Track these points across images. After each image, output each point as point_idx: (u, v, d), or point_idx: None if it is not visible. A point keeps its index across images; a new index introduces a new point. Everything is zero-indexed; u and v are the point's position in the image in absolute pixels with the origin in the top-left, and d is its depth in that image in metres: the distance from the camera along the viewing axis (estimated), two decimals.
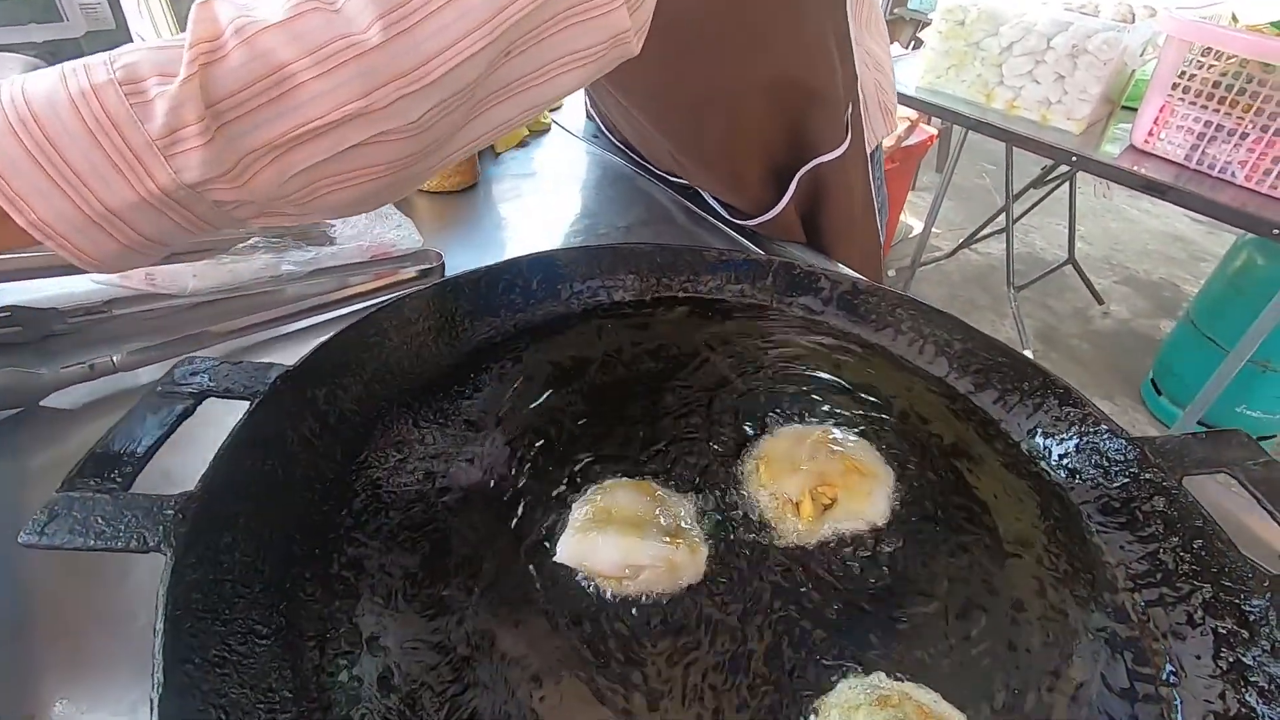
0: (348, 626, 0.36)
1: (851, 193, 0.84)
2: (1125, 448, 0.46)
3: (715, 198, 0.86)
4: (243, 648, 0.32)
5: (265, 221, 0.40)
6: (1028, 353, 2.22)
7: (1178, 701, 0.36)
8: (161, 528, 0.34)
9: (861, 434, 0.51)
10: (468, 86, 0.38)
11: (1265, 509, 0.41)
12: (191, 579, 0.33)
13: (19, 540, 0.33)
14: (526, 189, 0.93)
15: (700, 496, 0.45)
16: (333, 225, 0.71)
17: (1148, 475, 0.44)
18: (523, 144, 1.03)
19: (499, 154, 1.00)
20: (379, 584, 0.38)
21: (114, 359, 0.54)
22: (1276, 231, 1.30)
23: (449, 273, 0.72)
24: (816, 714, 0.34)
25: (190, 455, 0.41)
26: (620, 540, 0.39)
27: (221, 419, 0.41)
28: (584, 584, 0.39)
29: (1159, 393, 2.34)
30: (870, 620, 0.39)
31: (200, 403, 0.42)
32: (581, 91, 1.12)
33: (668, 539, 0.40)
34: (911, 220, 3.16)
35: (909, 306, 0.60)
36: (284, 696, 0.32)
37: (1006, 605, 0.41)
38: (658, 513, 0.42)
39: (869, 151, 0.86)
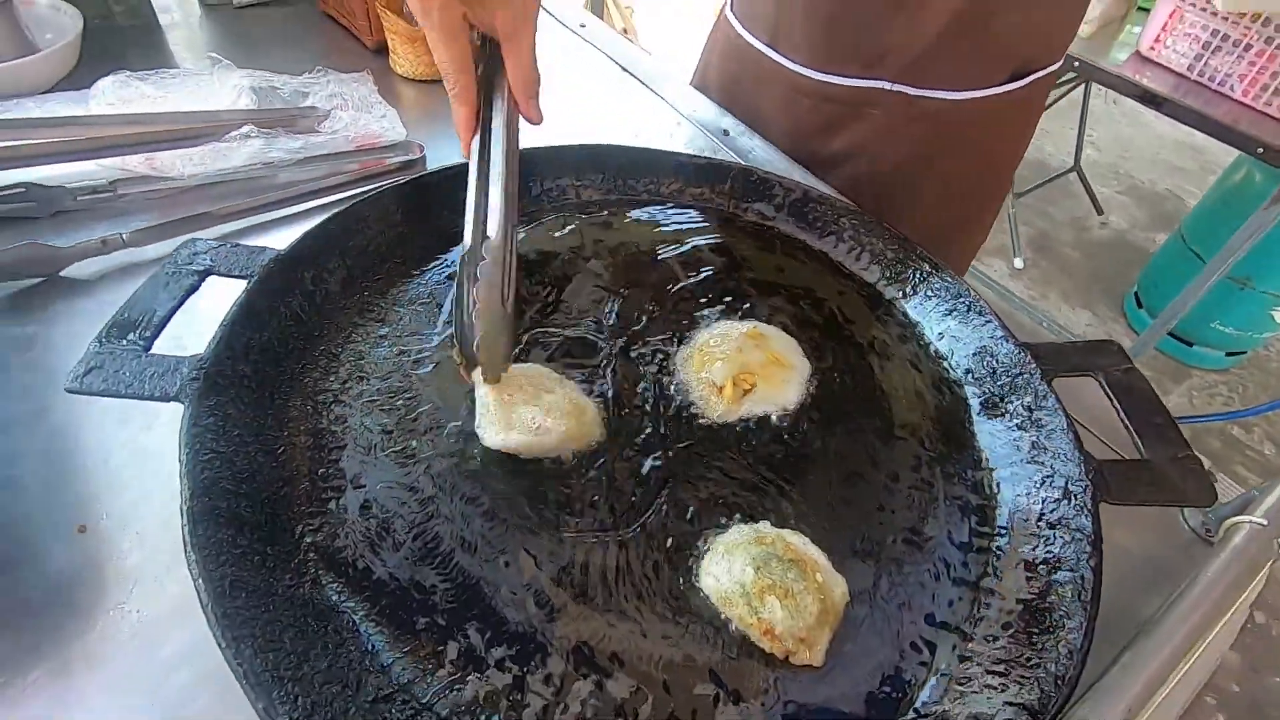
0: (335, 469, 0.44)
1: (1016, 136, 0.82)
2: (1014, 352, 0.53)
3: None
4: (248, 477, 0.41)
5: None
6: (1017, 261, 2.25)
7: (1001, 552, 0.45)
8: (179, 383, 0.41)
9: (789, 330, 0.57)
10: None
11: (1115, 408, 0.49)
12: (205, 424, 0.40)
13: (64, 387, 0.40)
14: None
15: (642, 383, 0.52)
16: (320, 117, 0.74)
17: (1025, 376, 0.51)
18: None
19: None
20: (361, 437, 0.46)
21: (123, 235, 0.60)
22: (1261, 150, 1.31)
23: (431, 164, 0.76)
24: (708, 548, 0.43)
25: (198, 325, 0.49)
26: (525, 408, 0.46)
27: (222, 295, 0.48)
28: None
29: (1140, 305, 2.39)
30: (767, 482, 0.47)
31: (204, 280, 0.48)
32: None
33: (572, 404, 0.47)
34: None
35: (853, 216, 0.65)
36: (283, 518, 0.41)
37: (884, 476, 0.49)
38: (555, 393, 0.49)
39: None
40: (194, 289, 0.47)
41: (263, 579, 0.36)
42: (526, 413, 0.46)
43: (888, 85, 0.74)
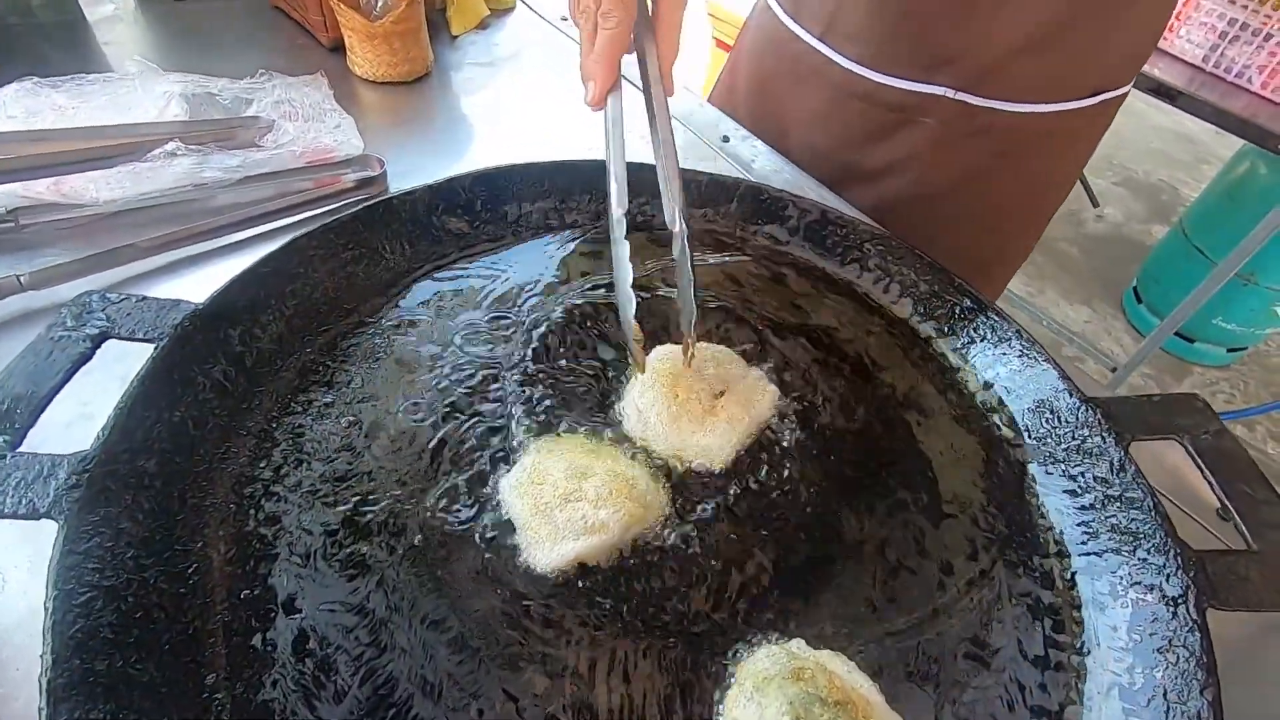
0: (263, 588, 0.35)
1: (1074, 160, 0.74)
2: (1079, 408, 0.45)
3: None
4: (142, 617, 0.31)
5: None
6: None
7: (1087, 672, 0.37)
8: (53, 492, 0.32)
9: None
10: None
11: (1207, 479, 0.41)
12: (86, 548, 0.31)
13: None
14: (486, 81, 0.85)
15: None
16: (263, 129, 0.64)
17: (1096, 439, 0.43)
18: (483, 26, 0.93)
19: (455, 36, 0.91)
20: (298, 542, 0.37)
21: (20, 278, 0.50)
22: None
23: (393, 180, 0.66)
24: (731, 679, 0.35)
25: (100, 397, 0.40)
26: (577, 515, 0.38)
27: (139, 353, 0.39)
28: (508, 546, 0.38)
29: (1139, 301, 2.33)
30: (796, 578, 0.39)
31: (98, 346, 0.38)
32: None
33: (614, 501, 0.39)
34: None
35: (878, 241, 0.56)
36: (189, 666, 0.32)
37: (935, 568, 0.41)
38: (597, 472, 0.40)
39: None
40: (85, 358, 0.38)
41: None
42: (573, 511, 0.37)
43: (950, 93, 0.65)
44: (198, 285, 0.54)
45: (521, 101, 0.82)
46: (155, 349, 0.39)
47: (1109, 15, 0.60)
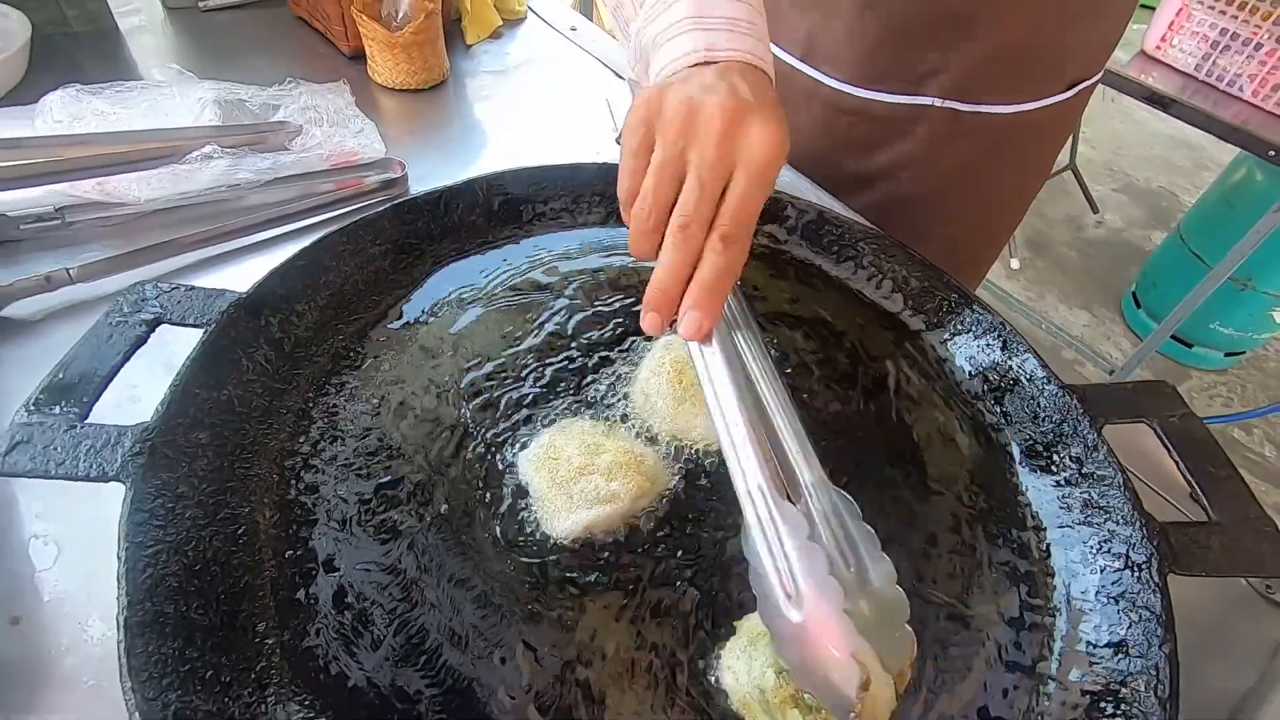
0: (304, 549, 0.38)
1: (1054, 145, 0.78)
2: (1057, 394, 0.48)
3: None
4: (201, 569, 0.35)
5: None
6: (1014, 262, 2.20)
7: (1058, 631, 0.40)
8: (120, 458, 0.36)
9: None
10: None
11: (1174, 458, 0.44)
12: (150, 507, 0.35)
13: None
14: (499, 88, 0.88)
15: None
16: (292, 133, 0.68)
17: (1072, 423, 0.47)
18: (495, 35, 0.97)
19: (470, 46, 0.95)
20: (335, 509, 0.40)
21: (70, 271, 0.54)
22: (1272, 154, 1.27)
23: (413, 182, 0.70)
24: (731, 633, 0.38)
25: (147, 380, 0.43)
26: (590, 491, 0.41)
27: (181, 342, 0.42)
28: (526, 515, 0.42)
29: (1138, 306, 2.36)
30: None
31: (153, 330, 0.42)
32: None
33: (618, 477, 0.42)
34: None
35: (872, 240, 0.60)
36: (243, 614, 0.35)
37: (921, 539, 0.44)
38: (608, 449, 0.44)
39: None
40: (141, 341, 0.42)
41: (216, 701, 0.31)
42: (586, 484, 0.41)
43: (936, 102, 0.68)
44: (231, 279, 0.57)
45: (532, 107, 0.86)
46: (204, 333, 0.42)
47: (1087, 15, 0.64)
